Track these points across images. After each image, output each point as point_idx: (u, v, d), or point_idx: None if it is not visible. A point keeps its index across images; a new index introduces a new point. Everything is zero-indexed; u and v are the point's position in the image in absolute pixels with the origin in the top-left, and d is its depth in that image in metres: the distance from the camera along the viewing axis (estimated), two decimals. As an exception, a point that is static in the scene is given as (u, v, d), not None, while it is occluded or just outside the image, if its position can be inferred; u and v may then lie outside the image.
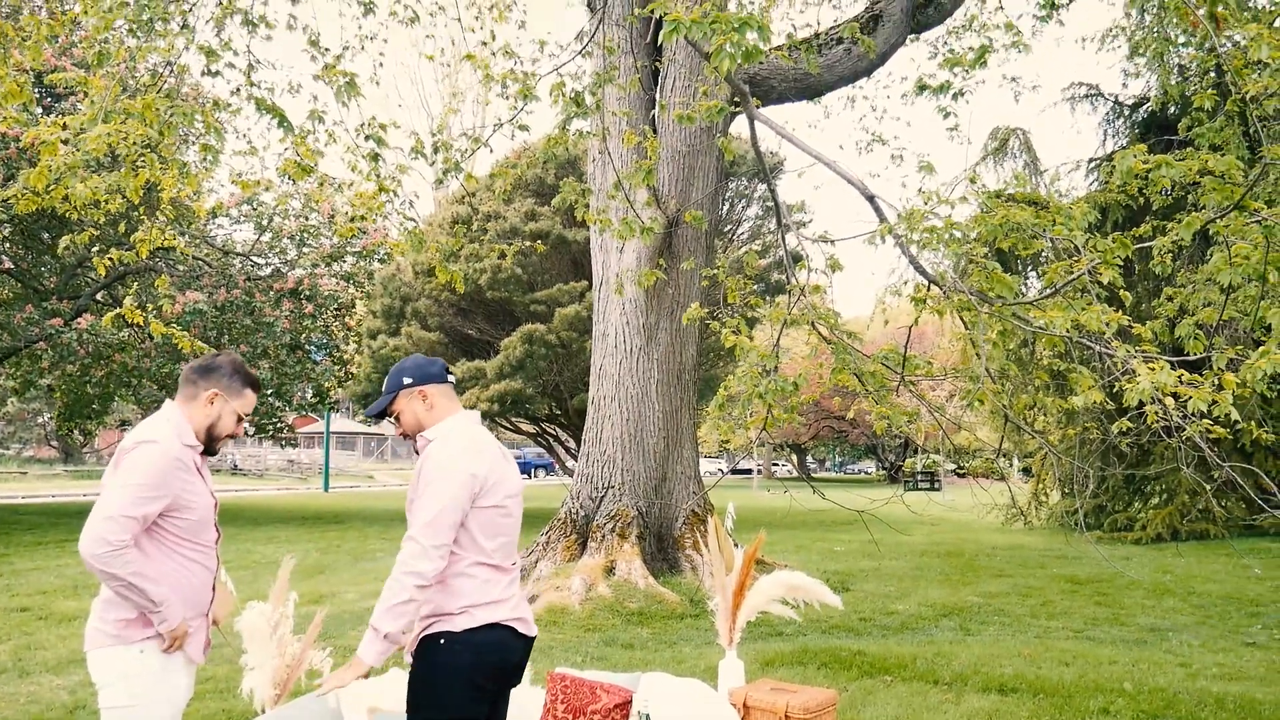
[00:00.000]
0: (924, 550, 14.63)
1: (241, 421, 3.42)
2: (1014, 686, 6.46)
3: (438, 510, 3.09)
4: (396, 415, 3.38)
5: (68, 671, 7.31)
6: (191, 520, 3.20)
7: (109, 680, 3.10)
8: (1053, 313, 4.76)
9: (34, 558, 13.70)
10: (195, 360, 3.41)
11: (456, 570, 3.17)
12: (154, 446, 3.13)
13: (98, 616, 3.15)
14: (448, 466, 3.15)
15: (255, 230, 22.25)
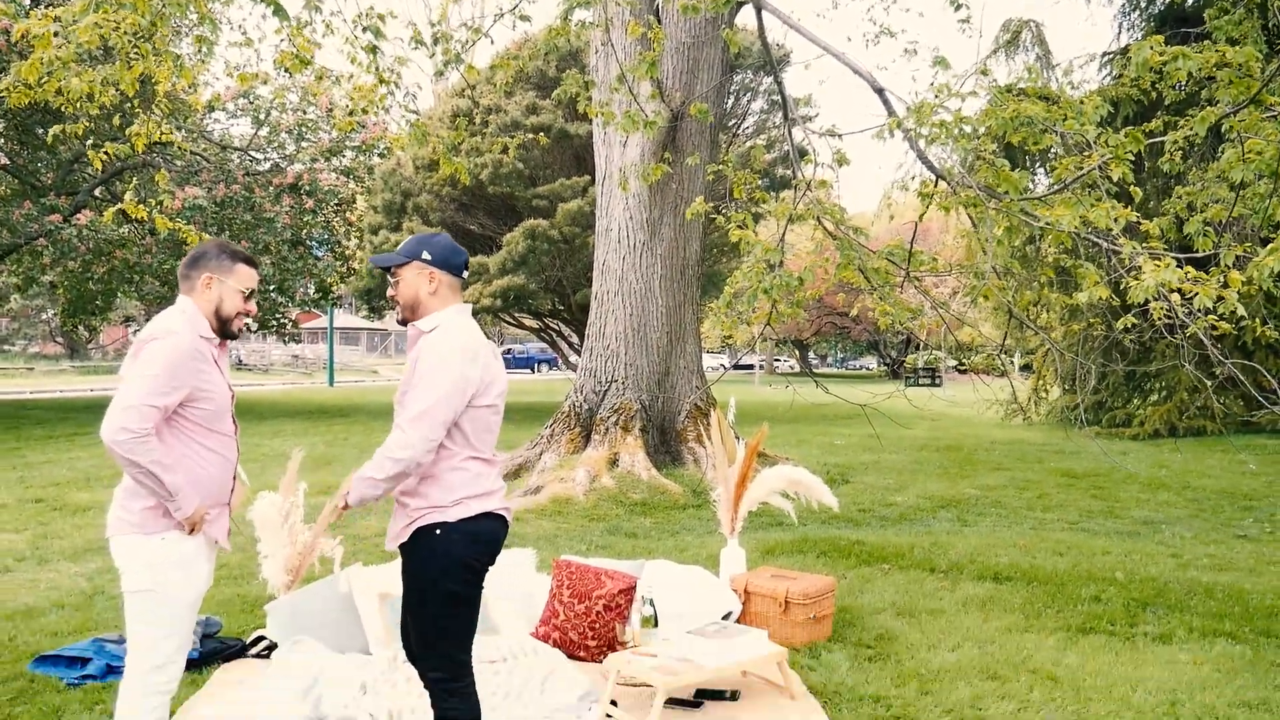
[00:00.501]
0: (923, 445, 14.81)
1: (249, 299, 3.40)
2: (1008, 575, 6.62)
3: (430, 405, 3.13)
4: (398, 280, 3.36)
5: (84, 559, 7.49)
6: (209, 411, 3.23)
7: (131, 566, 3.17)
8: (1060, 209, 4.73)
9: (45, 451, 13.90)
10: (187, 256, 3.40)
11: (451, 465, 3.23)
12: (172, 338, 3.15)
13: (120, 505, 3.20)
14: (445, 365, 3.17)
15: (253, 125, 21.92)
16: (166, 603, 3.18)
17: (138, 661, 3.21)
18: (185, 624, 3.25)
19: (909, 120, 5.29)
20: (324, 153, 21.47)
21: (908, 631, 5.43)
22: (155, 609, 3.17)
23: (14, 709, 4.40)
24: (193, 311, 3.28)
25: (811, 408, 20.20)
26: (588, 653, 5.02)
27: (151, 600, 3.17)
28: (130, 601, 3.21)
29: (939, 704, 4.41)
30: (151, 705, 3.22)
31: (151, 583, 3.16)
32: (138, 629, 3.21)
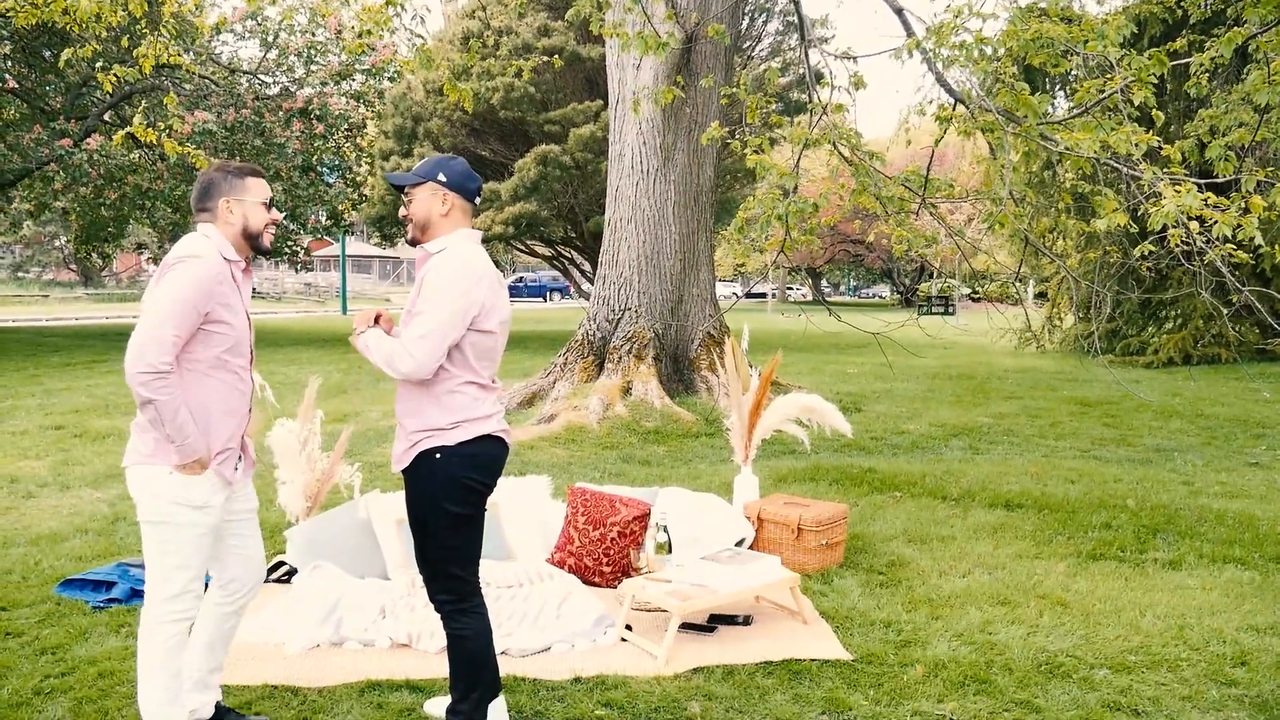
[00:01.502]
0: (936, 373, 14.80)
1: (271, 208, 3.39)
2: (1019, 502, 6.66)
3: (435, 327, 3.16)
4: (411, 200, 3.37)
5: (105, 485, 7.60)
6: (227, 340, 3.22)
7: (143, 497, 3.21)
8: (1080, 134, 4.64)
9: (63, 378, 14.02)
10: (193, 194, 3.39)
11: (450, 388, 3.26)
12: (197, 261, 3.14)
13: (136, 435, 3.23)
14: (451, 287, 3.19)
15: (261, 47, 21.67)
16: (178, 534, 3.21)
17: (153, 590, 3.26)
18: (198, 555, 3.26)
19: (928, 41, 5.18)
20: (333, 76, 21.23)
21: (919, 558, 5.49)
22: (167, 540, 3.21)
23: (42, 631, 4.50)
24: (216, 236, 3.27)
25: (824, 336, 20.19)
26: (602, 578, 5.09)
27: (164, 531, 3.20)
28: (144, 531, 3.25)
29: (949, 629, 4.47)
30: (167, 634, 3.25)
31: (163, 514, 3.18)
32: (152, 559, 3.25)
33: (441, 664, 4.10)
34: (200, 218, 3.31)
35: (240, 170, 3.35)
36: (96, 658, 4.19)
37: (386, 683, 3.98)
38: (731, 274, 55.10)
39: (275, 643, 4.38)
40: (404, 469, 3.33)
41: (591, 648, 4.35)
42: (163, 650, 3.25)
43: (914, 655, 4.19)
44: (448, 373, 3.25)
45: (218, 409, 3.25)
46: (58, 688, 3.92)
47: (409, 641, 4.34)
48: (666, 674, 4.06)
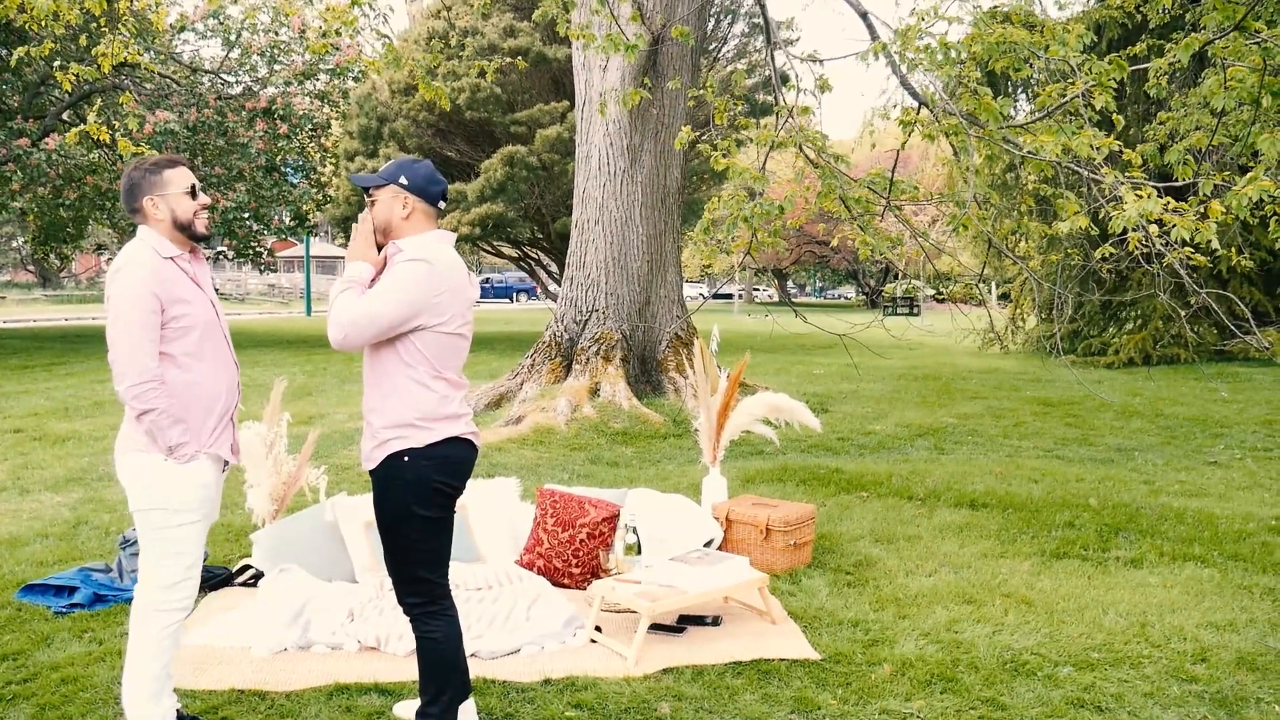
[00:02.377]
0: (901, 374, 14.92)
1: (196, 195, 3.37)
2: (984, 502, 6.73)
3: (377, 312, 3.15)
4: (374, 201, 3.36)
5: (66, 489, 7.49)
6: (192, 331, 3.25)
7: (137, 485, 3.23)
8: (1044, 137, 4.71)
9: (21, 381, 13.80)
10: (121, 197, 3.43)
11: (417, 380, 3.24)
12: (133, 267, 3.17)
13: (128, 423, 3.25)
14: (407, 283, 3.18)
15: (223, 46, 21.41)
16: (174, 521, 3.23)
17: (148, 580, 3.27)
18: (194, 543, 3.29)
19: (893, 45, 5.22)
20: (297, 76, 21.04)
21: (886, 557, 5.53)
22: (162, 527, 3.23)
23: (2, 636, 4.44)
24: (150, 236, 3.29)
25: (790, 337, 20.29)
26: (572, 580, 5.09)
27: (158, 518, 3.22)
28: (138, 520, 3.27)
29: (916, 628, 4.51)
30: (164, 623, 3.28)
31: (158, 501, 3.21)
32: (148, 548, 3.26)
33: (410, 666, 4.08)
34: (135, 219, 3.34)
35: (157, 165, 3.36)
36: (59, 663, 4.13)
37: (355, 686, 3.96)
38: (698, 275, 55.24)
39: (241, 646, 4.34)
40: (371, 469, 3.32)
41: (561, 649, 4.35)
42: (156, 641, 3.27)
43: (881, 654, 4.23)
44: (411, 368, 3.24)
45: (204, 397, 3.29)
46: (19, 694, 3.86)
47: (377, 644, 4.32)
48: (636, 675, 4.07)
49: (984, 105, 5.04)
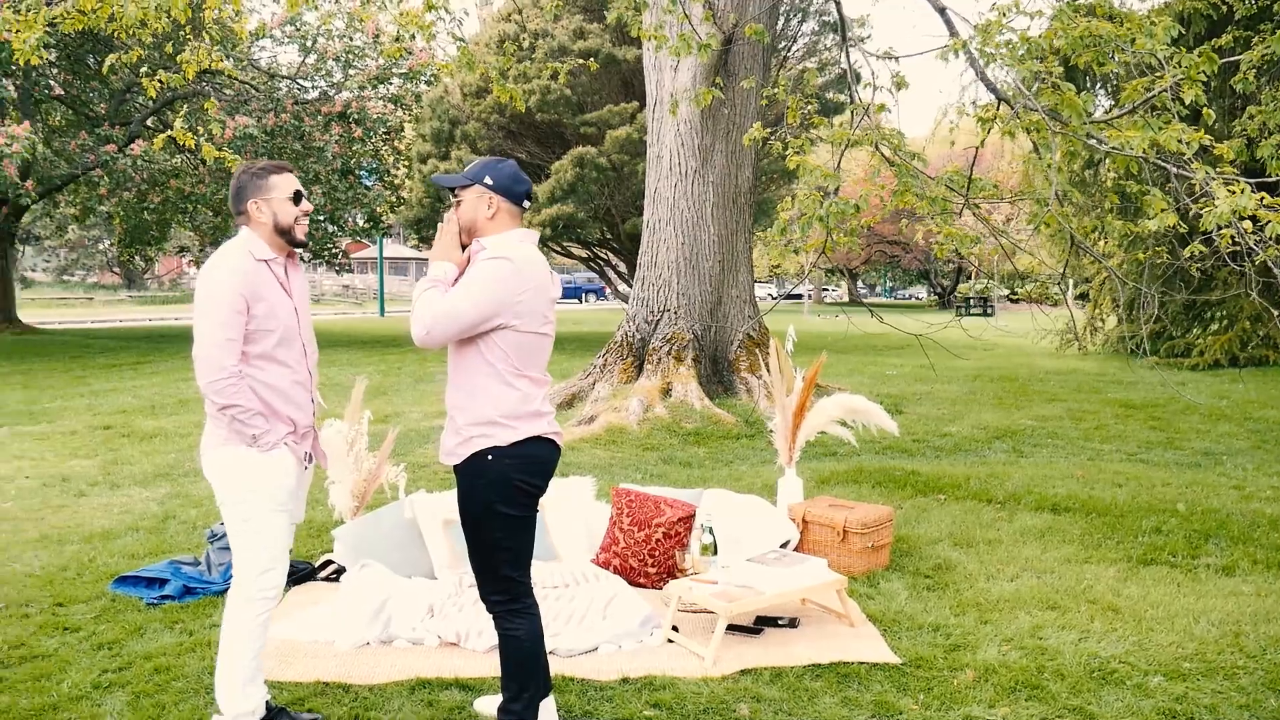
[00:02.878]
0: (977, 375, 14.67)
1: (299, 201, 3.44)
2: (1066, 506, 6.59)
3: (460, 311, 3.17)
4: (458, 202, 3.40)
5: (154, 484, 7.71)
6: (274, 334, 3.32)
7: (222, 479, 3.34)
8: (1130, 132, 4.58)
9: (110, 379, 14.24)
10: (229, 198, 3.50)
11: (500, 379, 3.26)
12: (224, 266, 3.27)
13: (210, 420, 3.35)
14: (490, 282, 3.19)
15: (300, 52, 21.89)
16: (260, 509, 3.32)
17: (242, 569, 3.37)
18: (281, 534, 3.38)
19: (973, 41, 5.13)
20: (371, 80, 21.41)
21: (965, 561, 5.45)
22: (250, 517, 3.32)
23: (98, 626, 4.58)
24: (248, 237, 3.38)
25: (862, 338, 20.08)
26: (647, 579, 5.10)
27: (245, 509, 3.32)
28: (227, 514, 3.37)
29: (998, 633, 4.43)
30: (255, 612, 3.38)
31: (243, 491, 3.31)
32: (237, 538, 3.36)
33: (489, 662, 4.13)
34: (239, 221, 3.43)
35: (264, 170, 3.42)
36: (152, 653, 4.25)
37: (436, 680, 4.01)
38: (767, 275, 54.97)
39: (325, 640, 4.43)
40: (455, 465, 3.35)
41: (638, 648, 4.36)
42: (249, 629, 3.38)
43: (963, 659, 4.16)
44: (494, 368, 3.26)
45: (280, 396, 3.36)
46: (115, 682, 3.98)
47: (457, 640, 4.37)
48: (714, 675, 4.06)
49: (1067, 100, 4.92)
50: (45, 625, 4.59)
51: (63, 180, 19.60)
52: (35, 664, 4.16)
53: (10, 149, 14.63)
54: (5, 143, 14.64)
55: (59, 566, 5.50)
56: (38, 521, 6.61)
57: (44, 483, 7.77)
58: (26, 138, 15.05)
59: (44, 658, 4.23)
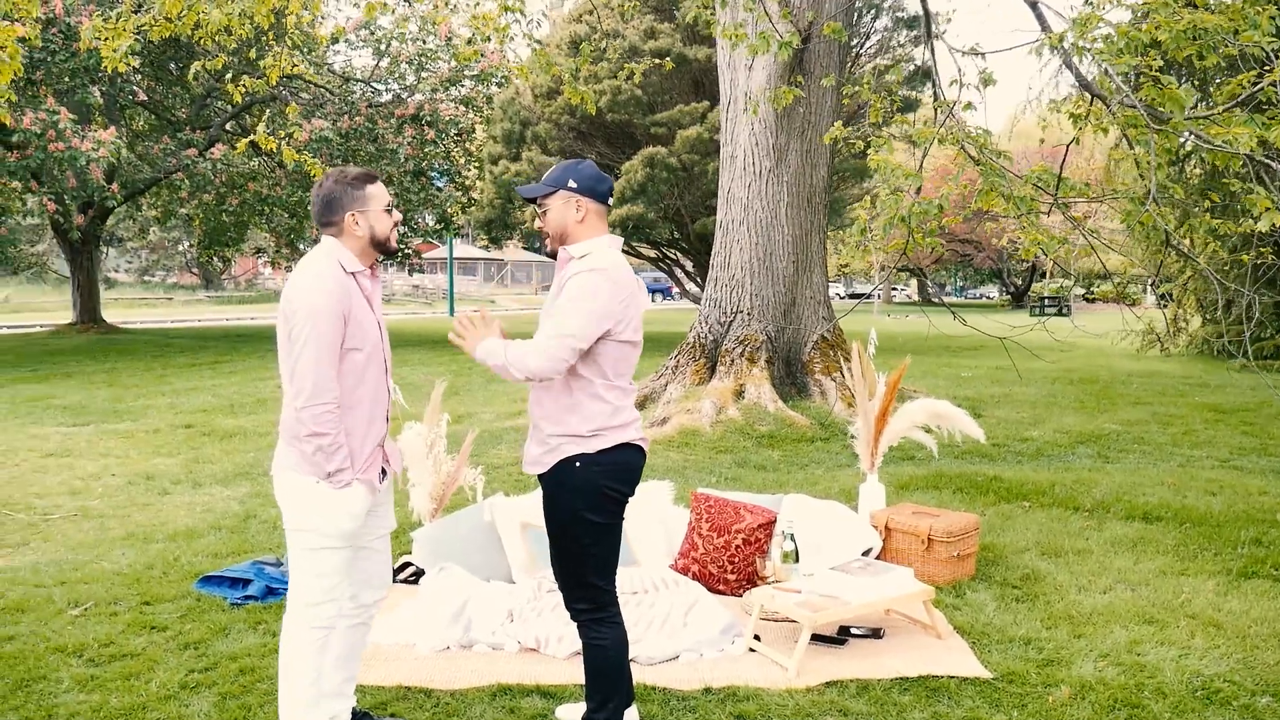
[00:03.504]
0: (1056, 377, 14.31)
1: (392, 211, 3.36)
2: (1158, 515, 6.37)
3: (572, 330, 3.12)
4: (545, 210, 3.33)
5: (235, 484, 7.83)
6: (363, 351, 3.22)
7: (289, 505, 3.25)
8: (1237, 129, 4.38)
9: (190, 379, 14.55)
10: (314, 207, 3.32)
11: (590, 393, 3.23)
12: (320, 282, 3.14)
13: (286, 443, 3.25)
14: (594, 294, 3.15)
15: (374, 56, 22.18)
16: (322, 544, 3.22)
17: (295, 596, 3.29)
18: (340, 565, 3.27)
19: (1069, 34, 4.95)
20: (443, 83, 21.62)
21: (1055, 572, 5.28)
22: (311, 548, 3.23)
23: (184, 626, 4.64)
24: (336, 248, 3.25)
25: (935, 339, 19.74)
26: (727, 586, 5.02)
27: (308, 540, 3.23)
28: (290, 539, 3.29)
29: (1094, 648, 4.28)
30: (308, 640, 3.28)
31: (309, 523, 3.21)
32: (296, 566, 3.28)
33: (570, 669, 4.10)
34: (328, 231, 3.29)
35: (359, 179, 3.31)
36: (237, 654, 4.29)
37: (517, 687, 3.99)
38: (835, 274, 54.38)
39: (406, 643, 4.43)
40: (540, 475, 3.31)
41: (719, 657, 4.30)
42: (303, 654, 3.28)
43: (1058, 675, 4.02)
44: (586, 380, 3.22)
45: (361, 420, 3.26)
46: (202, 682, 4.02)
47: (537, 646, 4.34)
48: (798, 686, 3.98)
49: (1169, 95, 4.73)
50: (133, 624, 4.66)
51: (146, 184, 20.10)
52: (125, 663, 4.22)
53: (98, 153, 15.02)
54: (93, 147, 15.05)
55: (145, 565, 5.59)
56: (123, 519, 6.75)
57: (129, 480, 7.94)
58: (113, 142, 15.44)
59: (132, 656, 4.29)
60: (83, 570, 5.52)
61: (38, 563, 5.66)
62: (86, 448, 9.24)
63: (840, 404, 9.95)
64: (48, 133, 14.73)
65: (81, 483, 7.81)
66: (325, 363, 3.11)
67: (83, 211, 19.26)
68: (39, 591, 5.12)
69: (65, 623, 4.69)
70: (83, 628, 4.62)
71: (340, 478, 3.18)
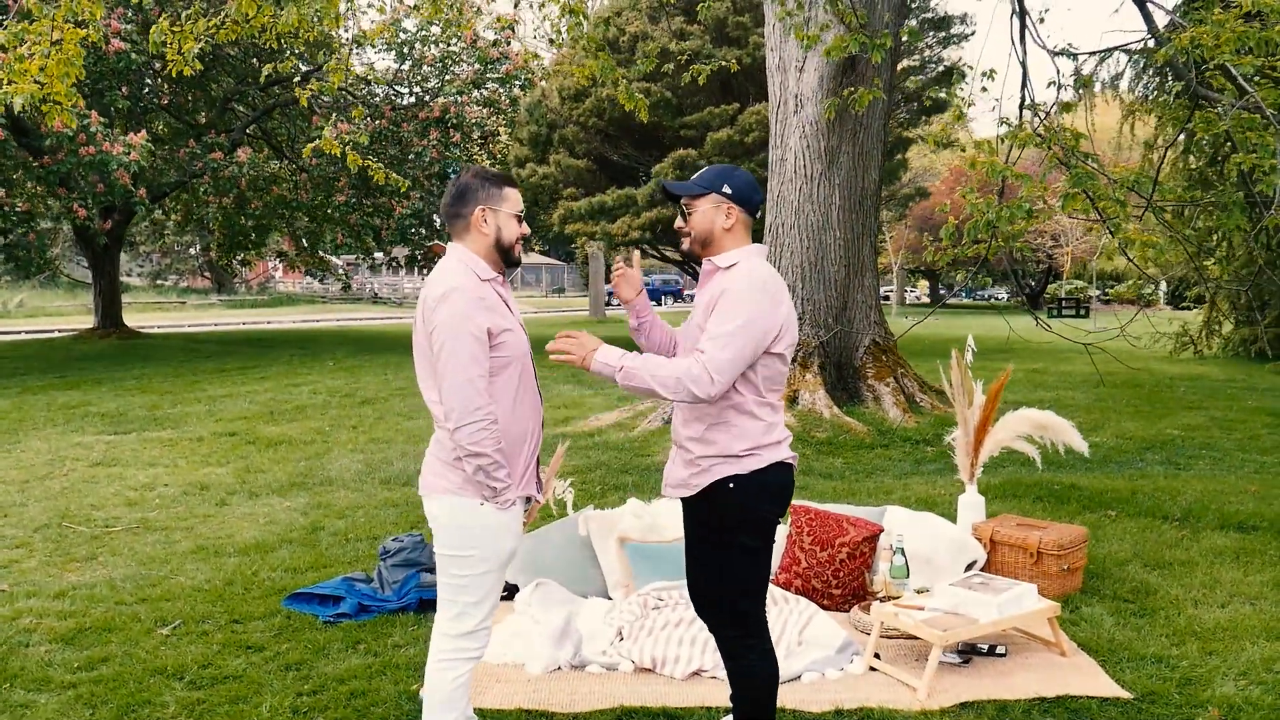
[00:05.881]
0: (1099, 380, 14.13)
1: (522, 221, 3.20)
2: (1253, 524, 6.22)
3: (738, 349, 2.95)
4: (690, 212, 3.17)
5: (292, 494, 7.70)
6: (517, 360, 3.07)
7: (449, 529, 3.06)
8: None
9: (222, 384, 14.41)
10: (445, 197, 3.23)
11: (744, 409, 3.06)
12: (459, 292, 2.97)
13: (440, 464, 3.08)
14: (755, 308, 2.98)
15: (396, 59, 22.05)
16: (482, 567, 3.07)
17: (447, 626, 3.12)
18: (496, 590, 3.14)
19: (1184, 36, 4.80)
20: (467, 85, 21.48)
21: (1165, 585, 5.14)
22: (470, 574, 3.06)
23: (280, 645, 4.51)
24: (467, 256, 3.09)
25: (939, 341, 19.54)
26: (831, 601, 4.89)
27: (468, 565, 3.06)
28: (444, 564, 3.10)
29: (1230, 666, 4.13)
30: (459, 671, 3.12)
31: (471, 547, 3.04)
32: (450, 593, 3.11)
33: (694, 690, 3.97)
34: (453, 225, 3.14)
35: (498, 179, 3.16)
36: (343, 675, 4.15)
37: (641, 709, 3.85)
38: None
39: (514, 663, 4.29)
40: (688, 497, 3.16)
41: (841, 676, 4.16)
42: (451, 689, 3.12)
43: (1200, 695, 3.88)
44: (740, 397, 3.05)
45: (519, 436, 3.11)
46: (313, 706, 3.89)
47: (653, 666, 4.21)
48: (932, 708, 3.84)
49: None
50: (228, 644, 4.53)
51: (170, 187, 19.99)
52: (229, 685, 4.09)
53: (129, 157, 14.91)
54: (123, 151, 14.93)
55: (224, 580, 5.46)
56: (187, 532, 6.63)
57: (184, 491, 7.81)
58: (143, 145, 15.33)
59: (235, 679, 4.16)
60: (161, 586, 5.39)
61: (112, 578, 5.53)
62: (133, 457, 9.11)
63: (896, 410, 9.81)
64: (78, 136, 14.60)
65: (135, 493, 7.68)
66: (474, 378, 2.94)
67: (107, 216, 19.14)
68: (122, 609, 4.99)
69: (157, 642, 4.56)
70: (176, 648, 4.50)
71: (504, 497, 3.03)
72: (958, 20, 20.03)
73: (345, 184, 20.70)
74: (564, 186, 19.52)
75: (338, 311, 41.99)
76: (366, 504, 7.28)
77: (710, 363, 2.94)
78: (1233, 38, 4.33)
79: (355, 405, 12.33)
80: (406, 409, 11.94)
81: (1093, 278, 49.00)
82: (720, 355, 2.93)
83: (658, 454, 8.97)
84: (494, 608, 3.17)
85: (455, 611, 3.12)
